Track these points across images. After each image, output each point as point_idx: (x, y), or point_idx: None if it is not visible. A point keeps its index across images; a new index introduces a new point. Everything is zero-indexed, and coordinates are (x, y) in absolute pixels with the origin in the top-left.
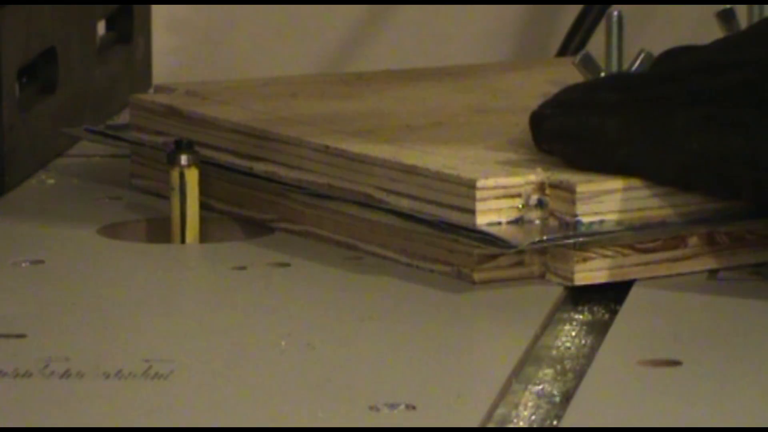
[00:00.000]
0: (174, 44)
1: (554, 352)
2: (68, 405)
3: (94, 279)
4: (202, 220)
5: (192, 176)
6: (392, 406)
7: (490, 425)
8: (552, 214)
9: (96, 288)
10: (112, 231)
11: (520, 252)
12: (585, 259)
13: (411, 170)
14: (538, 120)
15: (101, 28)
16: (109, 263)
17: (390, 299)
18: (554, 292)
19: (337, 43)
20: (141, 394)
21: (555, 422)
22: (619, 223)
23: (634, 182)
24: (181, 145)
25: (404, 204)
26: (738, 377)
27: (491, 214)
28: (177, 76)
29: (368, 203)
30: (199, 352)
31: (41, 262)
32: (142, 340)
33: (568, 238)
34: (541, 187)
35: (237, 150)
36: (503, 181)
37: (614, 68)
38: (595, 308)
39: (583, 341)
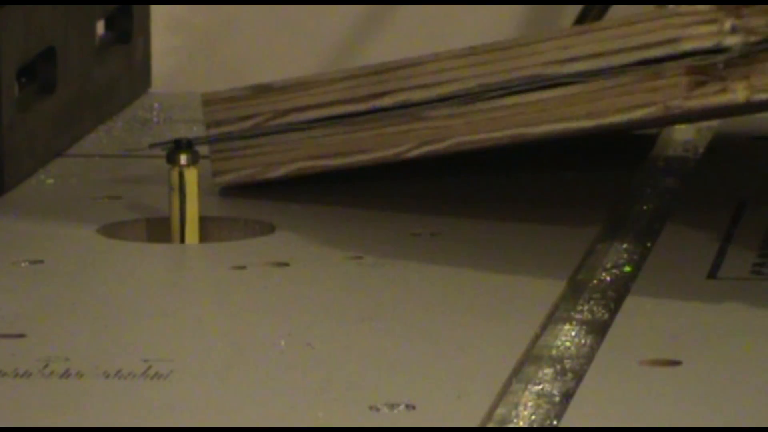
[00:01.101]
0: (173, 44)
1: (554, 352)
2: (68, 405)
3: (94, 279)
4: (202, 220)
5: (191, 176)
6: (392, 406)
7: (490, 425)
8: (751, 33)
9: (96, 288)
10: (111, 230)
11: (724, 79)
12: None
13: (589, 30)
14: None
15: (100, 28)
16: (109, 263)
17: (390, 299)
18: (554, 291)
19: (337, 43)
20: (141, 394)
21: (555, 422)
22: None
23: None
24: (181, 145)
25: (581, 67)
26: (738, 377)
27: (693, 40)
28: (176, 76)
29: (539, 82)
30: (198, 351)
31: (41, 261)
32: (141, 340)
33: None
34: (737, 11)
35: (352, 97)
36: (700, 7)
37: None
38: (595, 308)
39: (583, 341)
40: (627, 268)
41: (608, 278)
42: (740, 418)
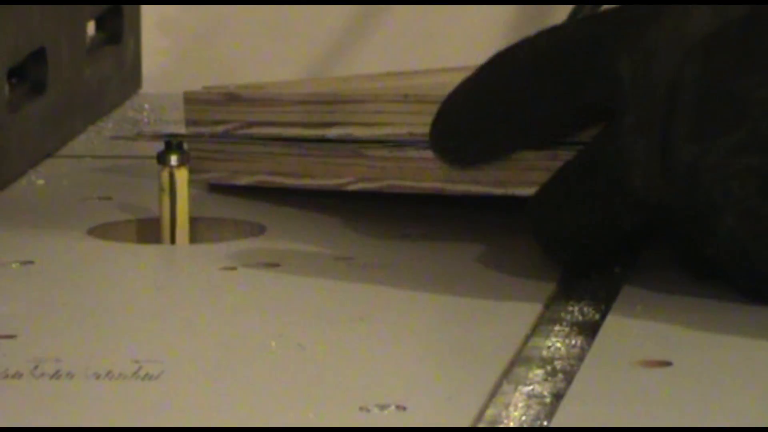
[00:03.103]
0: (164, 45)
1: (544, 353)
2: (58, 406)
3: (85, 279)
4: (192, 221)
5: (182, 176)
6: (383, 407)
7: (481, 425)
8: None
9: (86, 289)
10: (102, 231)
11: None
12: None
13: None
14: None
15: (91, 28)
16: (99, 264)
17: (380, 300)
18: (545, 291)
19: (328, 44)
20: (131, 394)
21: (545, 422)
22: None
23: None
24: (171, 146)
25: None
26: (728, 377)
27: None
28: (167, 77)
29: None
30: (189, 352)
31: (31, 262)
32: (132, 341)
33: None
34: None
35: (307, 121)
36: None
37: None
38: (586, 308)
39: (573, 341)
40: (617, 269)
41: (598, 279)
42: (731, 419)
